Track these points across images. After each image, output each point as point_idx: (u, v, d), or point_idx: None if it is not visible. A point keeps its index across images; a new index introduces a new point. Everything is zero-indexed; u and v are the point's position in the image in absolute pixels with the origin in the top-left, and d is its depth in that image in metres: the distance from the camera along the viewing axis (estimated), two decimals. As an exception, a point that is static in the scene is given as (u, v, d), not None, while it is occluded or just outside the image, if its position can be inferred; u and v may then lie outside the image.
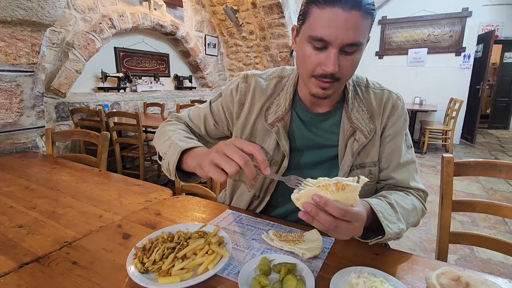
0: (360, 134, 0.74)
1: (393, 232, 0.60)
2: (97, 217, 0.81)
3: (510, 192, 2.94)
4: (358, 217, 0.51)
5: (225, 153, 0.56)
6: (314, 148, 0.79)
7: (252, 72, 0.86)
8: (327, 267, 0.60)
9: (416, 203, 0.73)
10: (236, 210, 0.85)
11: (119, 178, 1.15)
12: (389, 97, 0.78)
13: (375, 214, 0.60)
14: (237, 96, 0.83)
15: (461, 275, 0.52)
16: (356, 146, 0.74)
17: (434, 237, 2.04)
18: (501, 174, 0.89)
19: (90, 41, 2.86)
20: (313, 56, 0.63)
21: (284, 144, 0.77)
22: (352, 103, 0.76)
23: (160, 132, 0.84)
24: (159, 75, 4.00)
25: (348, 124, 0.75)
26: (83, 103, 2.97)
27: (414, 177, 0.78)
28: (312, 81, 0.66)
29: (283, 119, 0.77)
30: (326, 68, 0.61)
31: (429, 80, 5.12)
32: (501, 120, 6.38)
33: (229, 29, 4.71)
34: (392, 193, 0.72)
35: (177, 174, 0.71)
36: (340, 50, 0.61)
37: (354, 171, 0.76)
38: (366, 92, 0.79)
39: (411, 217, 0.69)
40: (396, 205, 0.65)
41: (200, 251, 0.60)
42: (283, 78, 0.82)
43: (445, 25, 4.93)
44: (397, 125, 0.77)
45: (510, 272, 1.71)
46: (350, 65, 0.64)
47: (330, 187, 0.48)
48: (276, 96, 0.80)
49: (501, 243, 0.89)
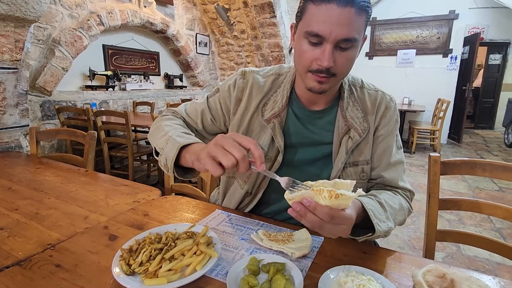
0: (354, 132, 0.76)
1: (383, 230, 0.62)
2: (83, 218, 0.79)
3: (495, 191, 3.02)
4: (346, 220, 0.52)
5: (223, 146, 0.55)
6: (309, 145, 0.79)
7: (250, 69, 0.86)
8: (316, 266, 0.60)
9: (403, 203, 0.75)
10: (226, 210, 0.84)
11: (106, 178, 1.13)
12: (383, 98, 0.80)
13: (366, 212, 0.61)
14: (235, 92, 0.83)
15: (446, 272, 0.53)
16: (350, 144, 0.76)
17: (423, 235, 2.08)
18: (485, 172, 0.91)
19: (77, 38, 2.80)
20: (309, 51, 0.64)
21: (279, 140, 0.78)
22: (347, 102, 0.78)
23: (156, 127, 0.82)
24: (149, 73, 3.94)
25: (343, 122, 0.77)
26: (70, 102, 2.91)
27: (402, 177, 0.80)
28: (309, 76, 0.68)
29: (279, 116, 0.78)
30: (321, 63, 0.63)
31: (417, 81, 5.21)
32: (486, 120, 6.56)
33: (221, 28, 4.69)
34: (382, 192, 0.74)
35: (174, 170, 0.70)
36: (335, 46, 0.62)
37: (347, 168, 0.77)
38: (361, 92, 0.81)
39: (398, 216, 0.71)
40: (385, 204, 0.68)
41: (188, 251, 0.60)
42: (281, 76, 0.84)
43: (433, 27, 5.03)
44: (389, 126, 0.79)
45: (495, 268, 1.75)
46: (345, 61, 0.65)
47: (323, 193, 0.48)
48: (273, 93, 0.81)
49: (486, 240, 0.91)
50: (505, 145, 5.04)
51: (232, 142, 0.56)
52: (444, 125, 4.57)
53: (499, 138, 5.63)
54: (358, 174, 0.78)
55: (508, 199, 2.80)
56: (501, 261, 1.78)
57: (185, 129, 0.81)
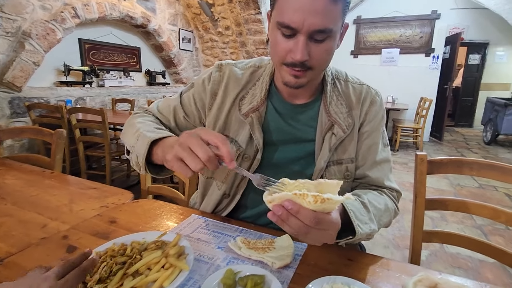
0: (338, 128, 0.71)
1: (364, 233, 0.57)
2: (40, 227, 0.71)
3: (476, 188, 3.09)
4: (332, 225, 0.48)
5: (189, 146, 0.51)
6: (290, 143, 0.74)
7: (227, 61, 0.80)
8: (298, 277, 0.55)
9: (389, 204, 0.71)
10: (203, 215, 0.78)
11: (73, 180, 1.04)
12: (368, 92, 0.76)
13: (347, 213, 0.57)
14: (210, 85, 0.77)
15: (438, 282, 0.49)
16: (334, 141, 0.71)
17: (407, 234, 2.08)
18: (472, 171, 0.89)
19: (50, 31, 2.63)
20: (282, 43, 0.59)
21: (257, 137, 0.72)
22: (331, 96, 0.73)
23: (127, 125, 0.77)
24: (129, 69, 3.79)
25: (326, 117, 0.72)
26: (42, 98, 2.74)
27: (389, 176, 0.76)
28: (284, 69, 0.63)
29: (258, 110, 0.73)
30: (294, 56, 0.58)
31: (401, 80, 5.29)
32: (466, 118, 6.76)
33: (204, 23, 4.58)
34: (366, 192, 0.69)
35: (147, 168, 0.65)
36: (310, 38, 0.57)
37: (330, 167, 0.72)
38: (345, 86, 0.76)
39: (383, 218, 0.67)
40: (369, 204, 0.63)
41: (156, 265, 0.53)
42: (260, 68, 0.78)
43: (416, 27, 5.11)
44: (375, 122, 0.75)
45: (477, 266, 1.77)
46: (322, 53, 0.60)
47: (308, 197, 0.43)
48: (251, 86, 0.76)
49: (472, 241, 0.89)
50: (483, 142, 5.21)
51: (197, 141, 0.51)
52: (426, 123, 4.66)
53: (478, 136, 5.81)
54: (342, 173, 0.73)
55: (488, 196, 2.87)
56: (483, 258, 1.81)
57: (157, 125, 0.76)
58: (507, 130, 4.66)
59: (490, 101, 5.21)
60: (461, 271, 1.73)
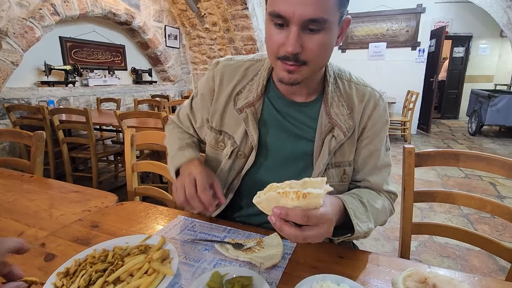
0: (338, 131, 0.68)
1: (362, 231, 0.58)
2: (16, 235, 0.67)
3: (462, 178, 3.16)
4: (323, 218, 0.48)
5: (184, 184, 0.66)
6: (287, 140, 0.70)
7: (226, 57, 0.79)
8: (287, 277, 0.54)
9: (386, 204, 0.72)
10: (189, 216, 0.76)
11: (54, 184, 1.00)
12: (372, 95, 0.71)
13: (347, 212, 0.58)
14: (210, 83, 0.76)
15: (427, 276, 0.48)
16: (334, 144, 0.68)
17: (397, 226, 2.11)
18: (459, 163, 0.89)
19: (28, 29, 2.53)
20: (275, 35, 0.57)
21: (252, 134, 0.69)
22: (332, 97, 0.69)
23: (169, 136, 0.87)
24: (114, 68, 3.69)
25: (326, 119, 0.68)
26: (22, 99, 2.64)
27: (387, 180, 0.75)
28: (278, 65, 0.60)
29: (253, 105, 0.70)
30: (286, 48, 0.55)
31: (388, 73, 5.34)
32: (451, 110, 6.90)
33: (191, 20, 4.49)
34: (365, 191, 0.70)
35: None
36: (303, 28, 0.54)
37: (329, 170, 0.70)
38: (349, 87, 0.71)
39: (380, 217, 0.68)
40: (367, 204, 0.64)
41: (138, 271, 0.51)
42: (258, 62, 0.75)
43: (402, 20, 5.15)
44: (377, 127, 0.71)
45: (464, 254, 1.81)
46: (317, 46, 0.56)
47: (290, 194, 0.45)
48: (249, 81, 0.73)
49: (459, 231, 0.89)
50: (469, 133, 5.33)
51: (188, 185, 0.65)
52: (414, 116, 4.73)
53: (463, 127, 5.94)
54: (339, 176, 0.71)
55: (474, 185, 2.94)
56: (470, 247, 1.85)
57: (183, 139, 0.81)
58: (491, 121, 4.78)
59: (474, 93, 5.32)
60: (449, 260, 1.76)
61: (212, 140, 0.76)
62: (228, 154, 0.73)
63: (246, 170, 0.72)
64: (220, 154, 0.75)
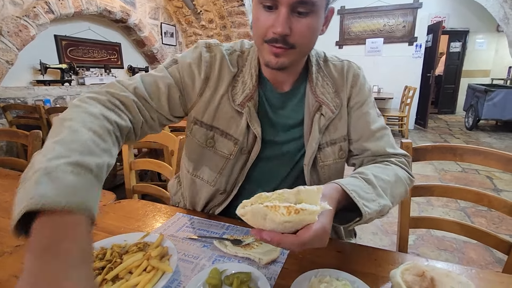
0: (326, 109, 0.68)
1: (373, 211, 0.52)
2: (14, 234, 0.67)
3: (459, 172, 3.18)
4: (318, 239, 0.42)
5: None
6: (280, 132, 0.71)
7: (214, 41, 0.71)
8: (286, 272, 0.54)
9: (400, 173, 0.64)
10: (188, 213, 0.76)
11: (52, 183, 0.99)
12: (350, 66, 0.74)
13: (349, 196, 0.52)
14: (203, 66, 0.67)
15: (425, 269, 0.49)
16: (323, 122, 0.68)
17: (395, 220, 2.12)
18: (456, 157, 0.90)
19: (22, 28, 2.50)
20: (263, 18, 0.57)
21: (256, 127, 0.67)
22: (316, 78, 0.70)
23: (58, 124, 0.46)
24: (110, 66, 3.67)
25: (313, 98, 0.69)
26: (18, 99, 2.62)
27: (390, 143, 0.71)
28: (265, 48, 0.59)
29: (253, 98, 0.67)
30: (275, 29, 0.55)
31: (385, 69, 5.35)
32: (448, 105, 6.92)
33: (187, 17, 4.46)
34: (370, 167, 0.64)
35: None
36: (292, 11, 0.55)
37: (324, 149, 0.70)
38: (326, 66, 0.73)
39: (396, 189, 0.61)
40: (375, 179, 0.57)
41: (137, 268, 0.51)
42: (244, 53, 0.72)
43: (398, 16, 5.15)
44: (362, 94, 0.72)
45: (461, 247, 1.83)
46: (305, 29, 0.57)
47: (280, 209, 0.39)
48: (239, 73, 0.69)
49: (456, 224, 0.90)
50: (465, 128, 5.36)
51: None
52: (411, 112, 4.74)
53: (460, 122, 5.97)
54: (336, 153, 0.71)
55: (471, 179, 2.96)
56: (466, 240, 1.86)
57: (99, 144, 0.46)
58: (488, 115, 4.81)
59: (471, 88, 5.34)
60: (447, 253, 1.78)
61: (202, 136, 0.69)
62: (233, 153, 0.68)
63: (251, 165, 0.70)
64: (208, 152, 0.70)
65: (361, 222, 0.54)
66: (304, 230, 0.41)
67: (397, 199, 0.61)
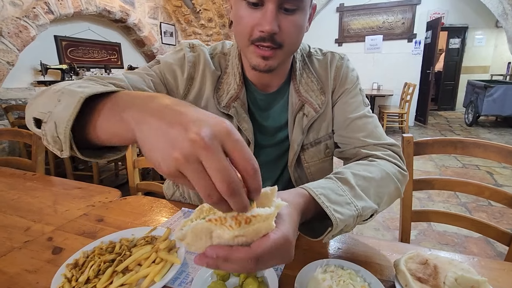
0: (309, 108, 0.67)
1: (348, 217, 0.44)
2: (23, 230, 0.68)
3: (459, 167, 3.19)
4: (279, 251, 0.32)
5: (202, 161, 0.26)
6: (267, 136, 0.70)
7: (197, 41, 0.71)
8: (292, 263, 0.54)
9: (388, 167, 0.57)
10: (193, 208, 0.77)
11: (57, 181, 1.00)
12: (333, 58, 0.71)
13: None
14: (186, 67, 0.66)
15: (428, 258, 0.50)
16: (306, 122, 0.67)
17: (396, 216, 2.13)
18: (457, 150, 0.90)
19: (22, 28, 2.51)
20: (248, 16, 0.53)
21: (246, 127, 0.66)
22: (301, 75, 0.68)
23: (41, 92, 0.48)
24: (110, 66, 3.67)
25: (296, 97, 0.67)
26: (20, 100, 2.62)
27: (375, 132, 0.65)
28: (251, 50, 0.56)
29: (239, 97, 0.65)
30: (263, 28, 0.52)
31: (385, 66, 5.35)
32: (448, 102, 6.93)
33: (186, 16, 4.46)
34: (351, 165, 0.57)
35: (75, 147, 0.37)
36: (279, 7, 0.52)
37: (308, 149, 0.69)
38: (310, 61, 0.71)
39: (383, 188, 0.54)
40: (353, 178, 0.50)
41: (146, 260, 0.52)
42: (226, 55, 0.70)
43: (397, 13, 5.15)
44: (344, 83, 0.70)
45: (462, 241, 1.84)
46: (293, 27, 0.54)
47: (227, 221, 0.30)
48: (223, 75, 0.68)
49: (458, 217, 0.91)
50: (465, 124, 5.36)
51: (220, 162, 0.26)
52: (411, 108, 4.74)
53: (460, 118, 5.97)
54: (322, 151, 0.70)
55: (471, 174, 2.97)
56: (468, 234, 1.87)
57: None
58: (487, 111, 4.81)
59: (470, 84, 5.35)
60: (448, 247, 1.79)
61: None
62: None
63: None
64: None
65: (335, 232, 0.45)
66: (259, 240, 0.31)
67: (386, 199, 0.54)
